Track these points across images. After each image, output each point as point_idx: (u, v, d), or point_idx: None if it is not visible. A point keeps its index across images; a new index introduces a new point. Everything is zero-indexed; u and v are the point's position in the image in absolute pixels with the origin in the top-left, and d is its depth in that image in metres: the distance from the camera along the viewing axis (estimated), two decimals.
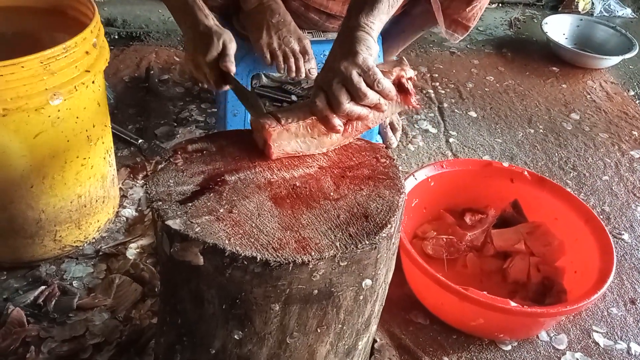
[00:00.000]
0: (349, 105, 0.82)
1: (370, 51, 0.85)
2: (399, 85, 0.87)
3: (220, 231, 0.70)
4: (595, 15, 2.71)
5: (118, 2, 2.34)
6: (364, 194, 0.80)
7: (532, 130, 1.89)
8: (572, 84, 2.18)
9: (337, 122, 0.83)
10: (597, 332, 1.25)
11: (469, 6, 1.43)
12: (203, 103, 1.83)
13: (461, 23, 1.48)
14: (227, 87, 1.12)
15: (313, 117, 0.84)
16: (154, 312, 1.16)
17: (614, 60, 2.26)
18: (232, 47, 1.09)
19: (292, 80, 1.92)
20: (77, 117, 1.11)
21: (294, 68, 1.32)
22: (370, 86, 0.82)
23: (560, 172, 1.71)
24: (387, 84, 0.83)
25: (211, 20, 1.11)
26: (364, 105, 0.83)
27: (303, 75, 1.33)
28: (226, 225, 0.71)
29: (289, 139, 0.84)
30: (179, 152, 0.83)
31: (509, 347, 1.20)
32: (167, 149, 0.86)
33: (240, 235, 0.70)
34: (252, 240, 0.70)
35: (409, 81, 0.88)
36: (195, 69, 1.12)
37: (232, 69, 1.07)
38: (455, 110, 1.95)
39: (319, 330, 0.77)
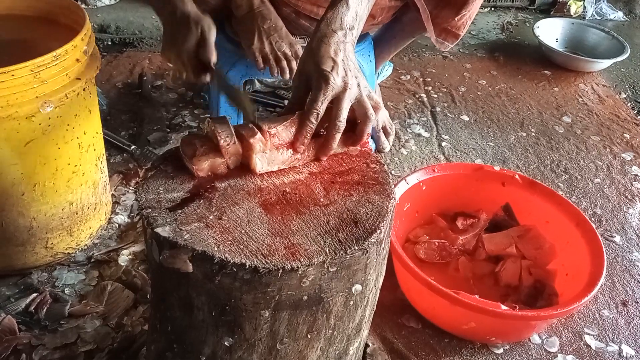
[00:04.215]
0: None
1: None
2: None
3: (210, 238, 0.70)
4: (587, 18, 2.73)
5: (111, 9, 2.35)
6: (354, 199, 0.80)
7: (524, 134, 1.90)
8: (564, 87, 2.19)
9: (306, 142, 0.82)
10: (588, 334, 1.25)
11: (457, 15, 1.44)
12: (196, 109, 1.83)
13: (451, 32, 1.49)
14: (207, 78, 1.06)
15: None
16: (145, 319, 1.16)
17: (606, 63, 2.28)
18: (212, 35, 1.01)
19: (285, 85, 1.93)
20: (68, 125, 1.12)
21: (287, 70, 1.33)
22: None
23: (552, 175, 1.72)
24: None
25: (189, 5, 1.03)
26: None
27: None
28: (215, 232, 0.71)
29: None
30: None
31: (500, 350, 1.20)
32: (159, 155, 0.86)
33: (229, 242, 0.70)
34: (242, 246, 0.70)
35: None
36: (174, 59, 1.06)
37: (212, 58, 1.00)
38: (448, 114, 1.96)
39: (309, 336, 0.77)
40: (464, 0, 1.40)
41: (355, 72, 0.83)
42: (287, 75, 1.33)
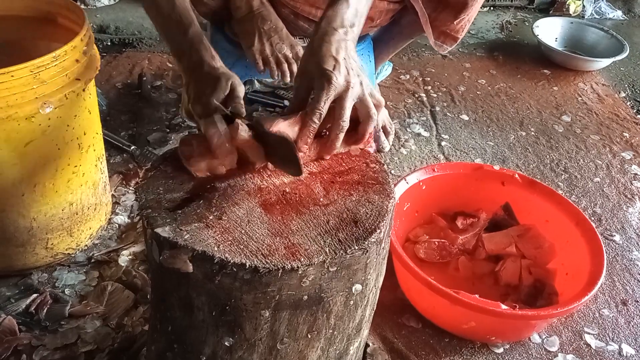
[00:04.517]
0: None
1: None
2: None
3: (210, 238, 0.70)
4: (586, 17, 2.74)
5: (111, 9, 2.35)
6: (354, 199, 0.80)
7: (524, 133, 1.90)
8: (564, 86, 2.19)
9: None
10: (588, 333, 1.25)
11: (456, 19, 1.44)
12: None
13: (450, 35, 1.49)
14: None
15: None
16: (146, 319, 1.16)
17: (605, 62, 2.28)
18: (241, 91, 0.91)
19: (285, 85, 1.93)
20: (68, 125, 1.12)
21: (287, 73, 1.33)
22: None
23: (551, 175, 1.72)
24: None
25: (218, 61, 0.95)
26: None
27: None
28: (215, 232, 0.72)
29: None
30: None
31: (501, 350, 1.20)
32: (159, 156, 0.86)
33: (229, 242, 0.70)
34: (242, 246, 0.70)
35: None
36: (199, 114, 0.91)
37: (242, 111, 0.89)
38: (447, 113, 1.96)
39: (309, 336, 0.77)
40: (463, 3, 1.40)
41: (357, 71, 0.83)
42: (288, 79, 1.33)
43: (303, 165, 0.80)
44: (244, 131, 0.80)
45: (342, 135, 0.82)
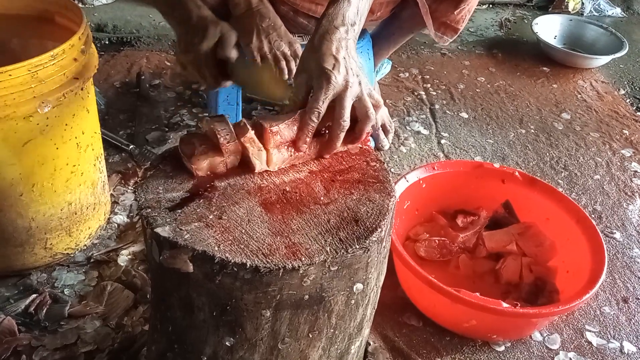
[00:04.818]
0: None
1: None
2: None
3: (210, 238, 0.70)
4: (585, 15, 2.73)
5: (108, 8, 2.34)
6: (354, 198, 0.79)
7: (524, 131, 1.90)
8: (563, 83, 2.19)
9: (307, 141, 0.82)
10: (590, 331, 1.25)
11: (457, 9, 1.43)
12: (194, 108, 1.83)
13: (450, 26, 1.48)
14: (228, 83, 1.01)
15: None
16: (146, 319, 1.15)
17: (604, 59, 2.27)
18: (232, 37, 0.96)
19: None
20: (66, 125, 1.11)
21: (286, 71, 1.32)
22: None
23: (551, 172, 1.72)
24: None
25: (205, 10, 0.98)
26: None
27: None
28: (216, 232, 0.71)
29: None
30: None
31: (502, 348, 1.20)
32: (158, 155, 0.85)
33: (229, 242, 0.70)
34: (242, 246, 0.70)
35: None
36: (191, 65, 0.99)
37: (233, 55, 0.94)
38: (447, 111, 1.95)
39: (310, 336, 0.77)
40: None
41: (356, 70, 0.82)
42: (286, 76, 1.32)
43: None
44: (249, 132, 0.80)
45: (342, 135, 0.82)
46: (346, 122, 0.81)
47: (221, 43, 0.94)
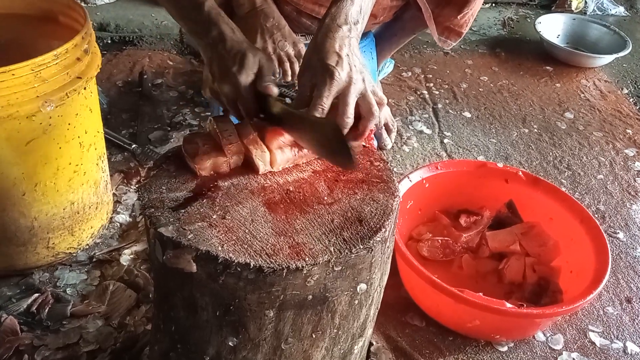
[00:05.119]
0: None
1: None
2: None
3: (213, 238, 0.70)
4: (588, 14, 2.72)
5: (111, 7, 2.34)
6: (358, 197, 0.79)
7: (527, 130, 1.89)
8: (566, 83, 2.18)
9: None
10: (593, 331, 1.25)
11: (460, 13, 1.43)
12: (197, 107, 1.82)
13: (453, 30, 1.48)
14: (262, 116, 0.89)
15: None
16: (148, 319, 1.15)
17: (608, 58, 2.27)
18: (270, 67, 0.88)
19: (287, 83, 1.92)
20: (69, 124, 1.11)
21: (289, 72, 1.32)
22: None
23: (554, 172, 1.71)
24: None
25: (239, 33, 0.90)
26: None
27: None
28: (219, 232, 0.71)
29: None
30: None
31: (505, 348, 1.20)
32: (162, 154, 0.85)
33: (233, 242, 0.70)
34: (246, 246, 0.70)
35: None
36: (225, 97, 0.88)
37: (274, 91, 0.85)
38: (450, 110, 1.95)
39: (314, 336, 0.77)
40: None
41: (360, 67, 0.82)
42: (289, 78, 1.32)
43: (354, 156, 0.75)
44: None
45: (346, 132, 0.82)
46: (350, 119, 0.81)
47: (261, 75, 0.86)
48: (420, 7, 1.39)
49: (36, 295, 1.18)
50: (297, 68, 1.31)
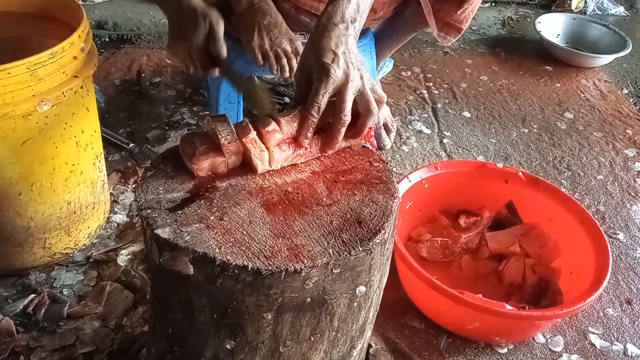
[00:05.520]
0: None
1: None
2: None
3: (211, 239, 0.69)
4: (588, 13, 2.72)
5: (109, 5, 2.33)
6: (357, 199, 0.78)
7: (526, 130, 1.88)
8: (566, 82, 2.18)
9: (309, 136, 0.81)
10: (593, 333, 1.24)
11: (460, 9, 1.42)
12: (195, 106, 1.81)
13: (453, 25, 1.47)
14: (216, 73, 1.06)
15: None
16: (145, 320, 1.14)
17: (608, 58, 2.26)
18: (220, 28, 1.01)
19: (285, 82, 1.91)
20: (66, 123, 1.10)
21: (287, 68, 1.31)
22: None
23: (554, 172, 1.70)
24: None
25: (194, 0, 1.03)
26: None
27: None
28: (217, 234, 0.70)
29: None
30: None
31: (504, 350, 1.19)
32: (159, 155, 0.84)
33: (231, 244, 0.69)
34: (243, 248, 0.69)
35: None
36: (182, 55, 1.06)
37: (222, 51, 1.00)
38: (449, 110, 1.94)
39: (312, 339, 0.76)
40: None
41: (357, 65, 0.82)
42: (287, 74, 1.32)
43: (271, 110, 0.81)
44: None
45: (343, 130, 0.81)
46: (347, 117, 0.80)
47: (212, 36, 0.99)
48: (421, 4, 1.38)
49: (32, 296, 1.17)
50: (294, 64, 1.30)
